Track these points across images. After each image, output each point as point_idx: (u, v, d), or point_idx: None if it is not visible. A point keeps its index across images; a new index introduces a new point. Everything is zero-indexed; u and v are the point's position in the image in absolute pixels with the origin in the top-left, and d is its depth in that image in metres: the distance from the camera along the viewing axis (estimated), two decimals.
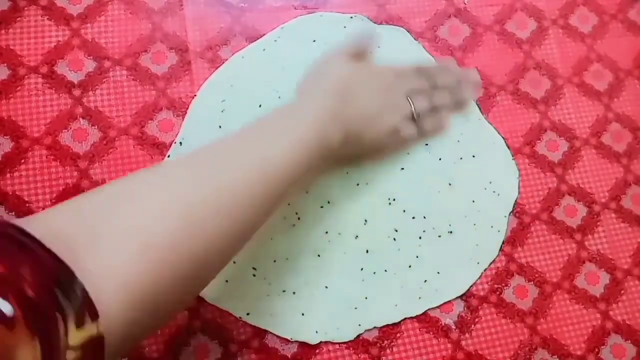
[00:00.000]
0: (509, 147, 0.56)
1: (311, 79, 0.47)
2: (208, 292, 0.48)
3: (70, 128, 0.50)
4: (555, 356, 0.51)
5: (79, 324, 0.25)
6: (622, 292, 0.54)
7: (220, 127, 0.52)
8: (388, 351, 0.49)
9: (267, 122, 0.41)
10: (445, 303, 0.51)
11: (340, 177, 0.52)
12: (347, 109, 0.43)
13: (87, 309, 0.26)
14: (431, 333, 0.50)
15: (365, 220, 0.51)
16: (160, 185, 0.33)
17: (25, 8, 0.52)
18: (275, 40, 0.55)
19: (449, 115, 0.53)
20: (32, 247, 0.26)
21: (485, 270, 0.52)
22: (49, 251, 0.26)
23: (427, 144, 0.54)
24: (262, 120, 0.41)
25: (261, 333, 0.48)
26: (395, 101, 0.48)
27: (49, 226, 0.29)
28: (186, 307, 0.39)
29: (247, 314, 0.48)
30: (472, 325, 0.51)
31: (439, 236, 0.52)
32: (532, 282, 0.53)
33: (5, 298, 0.23)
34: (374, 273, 0.50)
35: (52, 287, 0.25)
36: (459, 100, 0.52)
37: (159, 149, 0.51)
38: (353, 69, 0.46)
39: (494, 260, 0.53)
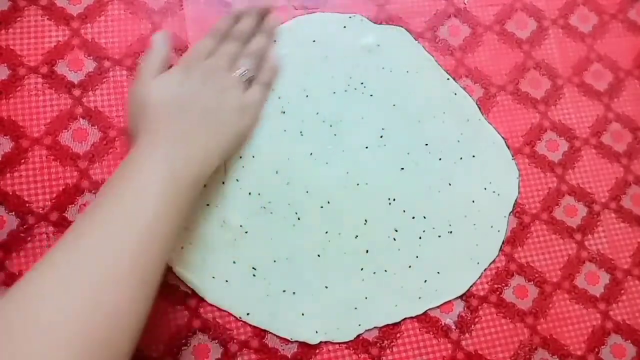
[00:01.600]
0: (509, 147, 0.56)
1: (134, 115, 0.45)
2: (208, 293, 0.48)
3: (70, 128, 0.50)
4: (555, 356, 0.51)
5: None
6: (622, 292, 0.54)
7: None
8: (388, 351, 0.49)
9: (116, 182, 0.40)
10: (445, 303, 0.51)
11: (340, 177, 0.52)
12: (182, 131, 0.43)
13: None
14: (431, 333, 0.50)
15: (365, 220, 0.51)
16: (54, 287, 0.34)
17: (25, 8, 0.52)
18: (275, 41, 0.55)
19: (269, 50, 0.53)
20: None
21: (485, 270, 0.52)
22: None
23: (427, 144, 0.54)
24: (114, 178, 0.41)
25: (261, 333, 0.48)
26: (221, 82, 0.47)
27: None
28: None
29: (247, 314, 0.48)
30: (472, 325, 0.51)
31: (439, 236, 0.52)
32: (532, 282, 0.53)
33: None
34: (374, 273, 0.50)
35: None
36: (269, 31, 0.53)
37: None
38: (164, 85, 0.45)
39: (494, 260, 0.53)
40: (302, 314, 0.49)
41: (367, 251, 0.51)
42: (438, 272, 0.51)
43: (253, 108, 0.50)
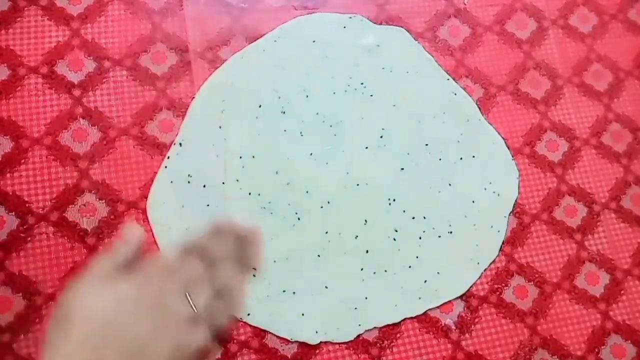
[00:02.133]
0: (509, 147, 0.56)
1: (55, 329, 0.34)
2: None
3: (70, 128, 0.50)
4: (555, 356, 0.51)
5: None
6: (622, 292, 0.54)
7: (220, 127, 0.52)
8: (388, 351, 0.49)
9: None
10: (445, 303, 0.51)
11: (340, 177, 0.52)
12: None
13: None
14: (431, 333, 0.50)
15: (365, 220, 0.51)
16: None
17: (25, 8, 0.52)
18: (275, 41, 0.55)
19: (242, 289, 0.39)
20: None
21: (485, 270, 0.52)
22: None
23: (427, 144, 0.54)
24: None
25: (261, 333, 0.48)
26: (167, 317, 0.36)
27: None
28: None
29: (248, 314, 0.48)
30: (472, 326, 0.51)
31: (439, 236, 0.52)
32: (532, 282, 0.53)
33: None
34: (374, 273, 0.50)
35: None
36: (244, 262, 0.40)
37: (159, 149, 0.51)
38: (107, 298, 0.35)
39: (494, 260, 0.53)
40: (302, 314, 0.49)
41: (367, 251, 0.51)
42: (438, 272, 0.51)
43: (196, 351, 0.36)
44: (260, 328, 0.48)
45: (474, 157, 0.55)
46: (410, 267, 0.51)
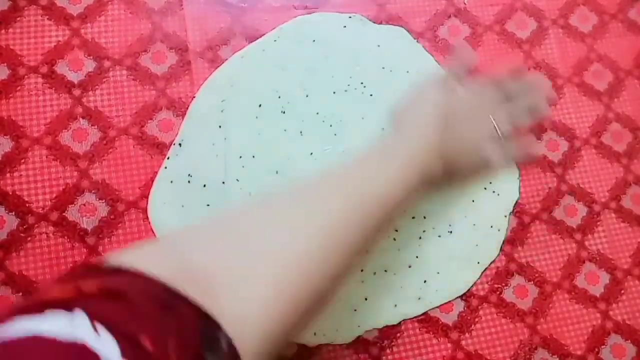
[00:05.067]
0: None
1: (407, 110, 0.45)
2: None
3: (70, 128, 0.50)
4: (555, 356, 0.51)
5: None
6: (622, 292, 0.54)
7: (220, 127, 0.52)
8: (388, 351, 0.49)
9: (368, 159, 0.41)
10: (445, 303, 0.51)
11: None
12: (446, 142, 0.43)
13: None
14: (431, 333, 0.50)
15: None
16: (278, 222, 0.34)
17: (25, 8, 0.52)
18: (275, 40, 0.55)
19: (530, 136, 0.51)
20: (176, 307, 0.26)
21: (485, 270, 0.52)
22: (194, 307, 0.26)
23: None
24: (363, 157, 0.41)
25: None
26: (484, 129, 0.45)
27: (186, 259, 0.29)
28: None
29: None
30: (472, 325, 0.51)
31: (439, 236, 0.52)
32: (532, 282, 0.53)
33: None
34: (374, 273, 0.50)
35: (201, 352, 0.25)
36: (536, 113, 0.48)
37: (159, 149, 0.51)
38: (447, 100, 0.45)
39: (494, 260, 0.53)
40: None
41: (366, 251, 0.51)
42: (438, 272, 0.51)
43: (489, 166, 0.45)
44: None
45: None
46: (410, 267, 0.51)
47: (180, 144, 0.51)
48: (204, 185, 0.50)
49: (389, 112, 0.46)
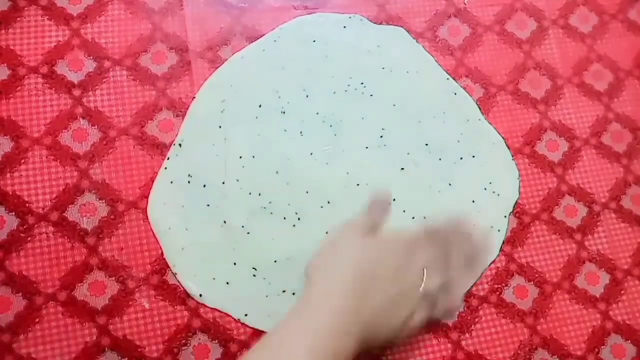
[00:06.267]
0: (508, 147, 0.56)
1: (324, 259, 0.42)
2: (208, 294, 0.48)
3: (70, 128, 0.50)
4: (555, 356, 0.51)
5: None
6: (622, 292, 0.54)
7: (220, 127, 0.52)
8: (388, 351, 0.49)
9: (282, 331, 0.38)
10: None
11: (340, 177, 0.52)
12: (363, 309, 0.39)
13: None
14: (431, 333, 0.50)
15: None
16: None
17: (25, 8, 0.52)
18: (275, 41, 0.55)
19: (462, 290, 0.47)
20: None
21: (485, 270, 0.52)
22: None
23: (427, 144, 0.54)
24: (278, 329, 0.38)
25: (261, 333, 0.48)
26: (409, 285, 0.42)
27: None
28: None
29: (245, 315, 0.48)
30: (472, 325, 0.51)
31: None
32: (532, 282, 0.53)
33: None
34: None
35: None
36: (472, 269, 0.47)
37: (159, 149, 0.51)
38: (367, 249, 0.42)
39: (493, 260, 0.53)
40: None
41: None
42: None
43: (414, 326, 0.42)
44: (260, 329, 0.48)
45: (474, 157, 0.55)
46: None
47: (180, 144, 0.51)
48: (204, 186, 0.50)
49: (304, 267, 0.43)
